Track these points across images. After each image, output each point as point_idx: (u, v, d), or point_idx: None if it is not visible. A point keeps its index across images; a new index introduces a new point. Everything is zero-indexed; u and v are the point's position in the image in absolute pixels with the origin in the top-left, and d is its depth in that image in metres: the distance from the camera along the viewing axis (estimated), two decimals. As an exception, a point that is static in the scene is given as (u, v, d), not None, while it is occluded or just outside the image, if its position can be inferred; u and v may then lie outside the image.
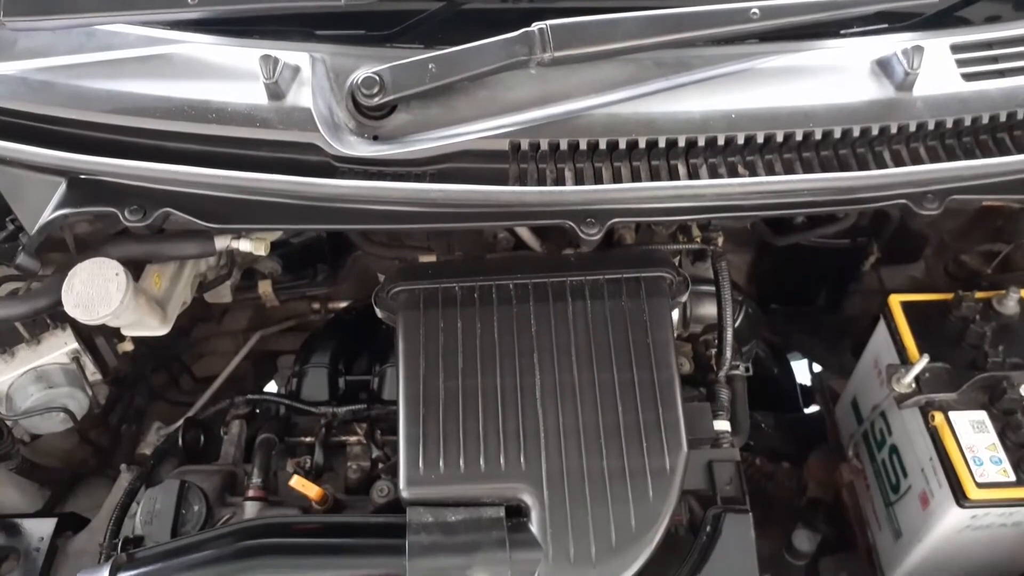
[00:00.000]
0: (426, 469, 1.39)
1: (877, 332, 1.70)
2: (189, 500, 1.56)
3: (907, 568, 1.62)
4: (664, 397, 1.41)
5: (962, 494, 1.41)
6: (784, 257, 2.18)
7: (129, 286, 1.49)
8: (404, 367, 1.47)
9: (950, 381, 1.50)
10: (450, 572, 1.32)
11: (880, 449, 1.69)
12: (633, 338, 1.46)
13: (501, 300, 1.51)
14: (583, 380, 1.44)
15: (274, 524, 1.44)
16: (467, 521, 1.36)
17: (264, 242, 1.68)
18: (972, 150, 1.43)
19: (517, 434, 1.40)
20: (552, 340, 1.47)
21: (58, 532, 1.68)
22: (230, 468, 1.72)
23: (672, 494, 1.36)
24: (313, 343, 1.98)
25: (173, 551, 1.39)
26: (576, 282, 1.51)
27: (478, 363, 1.46)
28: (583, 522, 1.34)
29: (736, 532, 1.36)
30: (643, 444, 1.38)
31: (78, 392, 1.73)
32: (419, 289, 1.53)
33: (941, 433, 1.47)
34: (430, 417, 1.42)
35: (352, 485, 1.68)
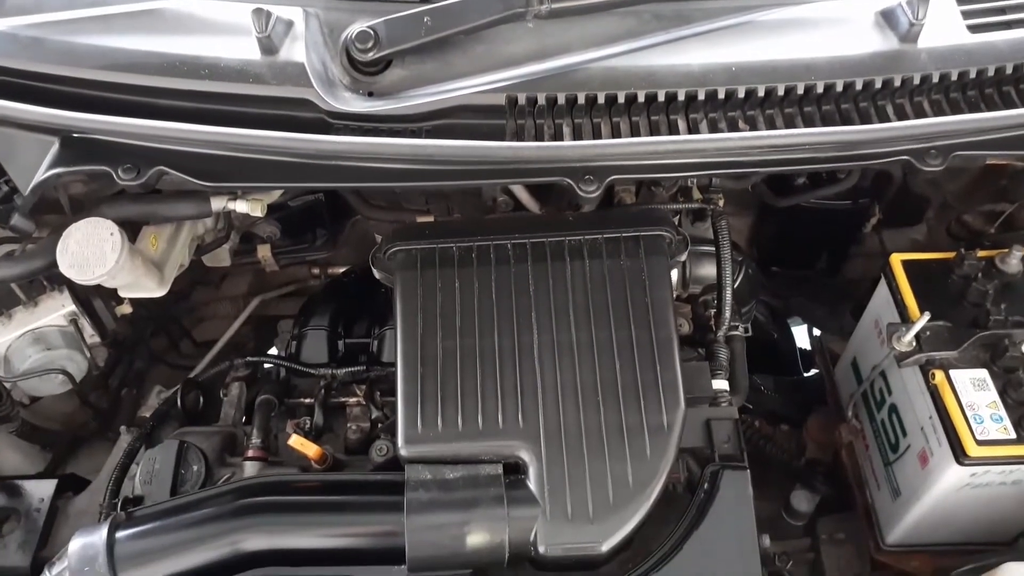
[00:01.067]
0: (424, 427, 1.39)
1: (878, 292, 1.68)
2: (188, 460, 1.56)
3: (905, 527, 1.62)
4: (662, 355, 1.41)
5: (962, 452, 1.40)
6: (785, 220, 2.17)
7: (124, 246, 1.48)
8: (401, 327, 1.46)
9: (951, 339, 1.49)
10: (448, 528, 1.32)
11: (879, 409, 1.69)
12: (631, 297, 1.45)
13: (499, 260, 1.50)
14: (581, 339, 1.43)
15: (272, 482, 1.44)
16: (465, 478, 1.36)
17: (260, 203, 1.67)
18: (977, 104, 1.40)
19: (515, 392, 1.40)
20: (550, 299, 1.46)
21: (58, 493, 1.69)
22: (230, 429, 1.72)
23: (670, 451, 1.36)
24: (312, 306, 1.97)
25: (171, 509, 1.39)
26: (574, 241, 1.50)
27: (476, 322, 1.45)
28: (581, 479, 1.34)
29: (734, 488, 1.36)
30: (641, 402, 1.38)
31: (76, 354, 1.73)
32: (416, 249, 1.52)
33: (941, 391, 1.46)
34: (428, 376, 1.42)
35: (352, 446, 1.68)
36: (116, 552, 1.32)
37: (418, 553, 1.31)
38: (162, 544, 1.34)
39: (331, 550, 1.35)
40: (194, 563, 1.33)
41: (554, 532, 1.32)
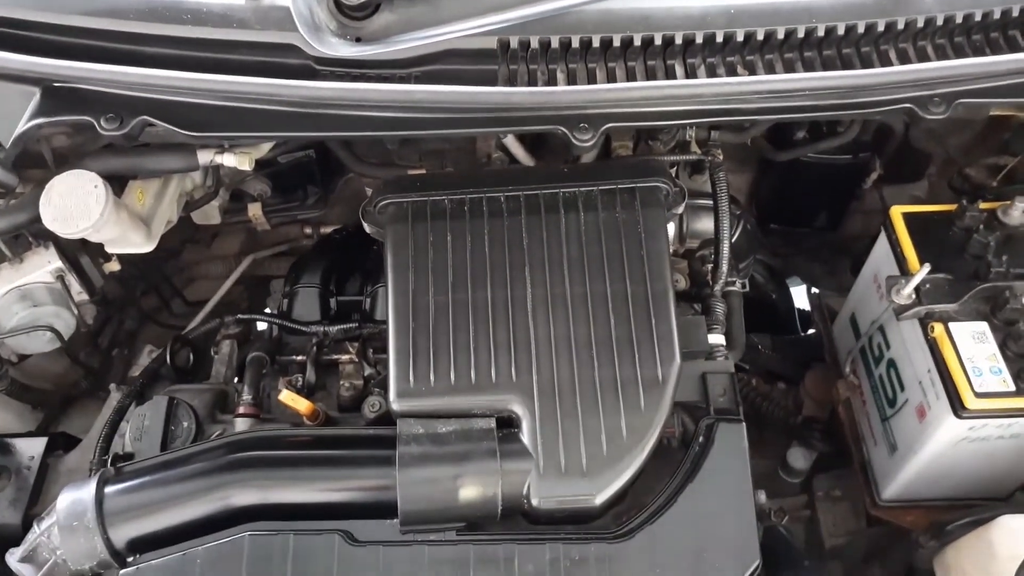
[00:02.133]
0: (416, 382, 1.37)
1: (878, 245, 1.66)
2: (178, 417, 1.55)
3: (902, 482, 1.61)
4: (657, 308, 1.39)
5: (960, 404, 1.39)
6: (784, 176, 2.14)
7: (109, 198, 1.45)
8: (392, 281, 1.44)
9: (951, 291, 1.46)
10: (440, 482, 1.31)
11: (877, 364, 1.67)
12: (627, 249, 1.42)
13: (492, 212, 1.47)
14: (575, 292, 1.41)
15: (263, 436, 1.43)
16: (457, 432, 1.35)
17: (248, 156, 1.63)
18: (982, 48, 1.37)
19: (508, 346, 1.38)
20: (544, 252, 1.44)
21: (49, 451, 1.68)
22: (221, 387, 1.71)
23: (664, 404, 1.34)
24: (303, 263, 1.94)
25: (161, 464, 1.38)
26: (569, 193, 1.47)
27: (468, 276, 1.43)
28: (574, 432, 1.33)
29: (729, 441, 1.35)
30: (635, 355, 1.36)
31: (64, 311, 1.70)
32: (407, 202, 1.49)
33: (940, 344, 1.44)
34: (420, 331, 1.40)
35: (345, 403, 1.66)
36: (105, 507, 1.31)
37: (410, 507, 1.30)
38: (152, 499, 1.33)
39: (323, 504, 1.34)
40: (185, 518, 1.32)
41: (547, 485, 1.31)
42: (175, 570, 1.28)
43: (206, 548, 1.29)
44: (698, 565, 1.27)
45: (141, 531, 1.31)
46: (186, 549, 1.30)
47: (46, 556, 1.32)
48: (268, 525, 1.31)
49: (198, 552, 1.29)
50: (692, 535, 1.28)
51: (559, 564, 1.27)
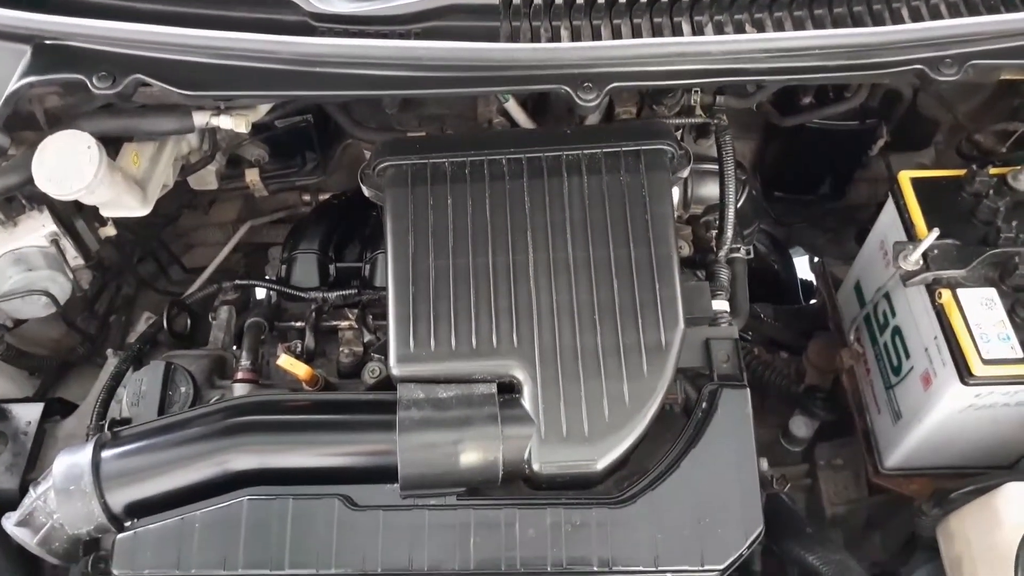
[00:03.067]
0: (416, 347, 1.35)
1: (885, 211, 1.63)
2: (176, 382, 1.53)
3: (905, 451, 1.60)
4: (661, 273, 1.37)
5: (967, 371, 1.37)
6: (789, 143, 2.11)
7: (102, 159, 1.43)
8: (392, 246, 1.42)
9: (959, 257, 1.44)
10: (441, 447, 1.30)
11: (882, 332, 1.65)
12: (631, 213, 1.40)
13: (493, 175, 1.45)
14: (578, 257, 1.39)
15: (262, 401, 1.41)
16: (458, 397, 1.33)
17: (245, 119, 1.60)
18: (996, 7, 1.33)
19: (509, 311, 1.37)
20: (546, 216, 1.41)
21: (46, 416, 1.66)
22: (219, 353, 1.69)
23: (667, 370, 1.33)
24: (302, 229, 1.92)
25: (159, 429, 1.37)
26: (572, 156, 1.44)
27: (469, 241, 1.41)
28: (576, 398, 1.31)
29: (733, 407, 1.33)
30: (638, 320, 1.34)
31: (59, 276, 1.68)
32: (407, 164, 1.47)
33: (947, 311, 1.42)
34: (420, 295, 1.38)
35: (344, 370, 1.65)
36: (102, 471, 1.30)
37: (411, 471, 1.29)
38: (149, 463, 1.32)
39: (322, 469, 1.33)
40: (182, 482, 1.31)
41: (549, 451, 1.30)
42: (173, 534, 1.28)
43: (204, 512, 1.29)
44: (700, 531, 1.26)
45: (138, 495, 1.30)
46: (184, 514, 1.29)
47: (43, 520, 1.31)
48: (267, 490, 1.30)
49: (196, 516, 1.28)
50: (694, 501, 1.27)
51: (560, 529, 1.26)
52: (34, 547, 1.31)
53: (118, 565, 1.27)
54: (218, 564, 1.26)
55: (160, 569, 1.26)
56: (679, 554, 1.25)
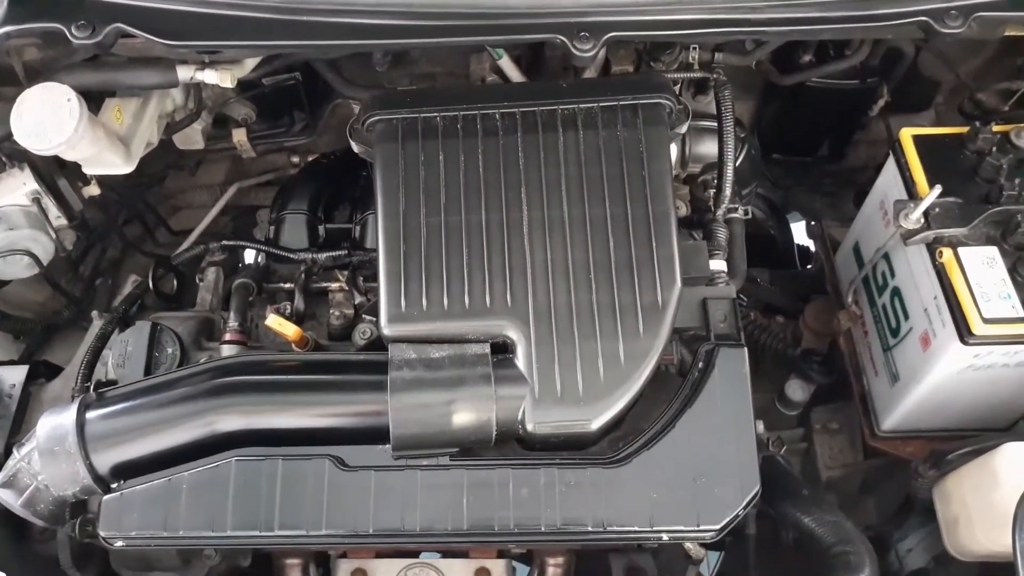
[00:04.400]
0: (408, 306, 1.32)
1: (886, 169, 1.60)
2: (162, 343, 1.50)
3: (902, 413, 1.59)
4: (658, 231, 1.34)
5: (967, 330, 1.35)
6: (788, 103, 2.07)
7: (83, 113, 1.38)
8: (382, 203, 1.38)
9: (961, 216, 1.42)
10: (433, 407, 1.28)
11: (881, 293, 1.63)
12: (628, 170, 1.37)
13: (486, 130, 1.41)
14: (573, 214, 1.36)
15: (250, 361, 1.39)
16: (451, 357, 1.31)
17: (230, 73, 1.55)
18: (1005, -46, 1.30)
19: (503, 270, 1.34)
20: (541, 173, 1.38)
21: (31, 379, 1.63)
22: (207, 314, 1.66)
23: (663, 330, 1.30)
24: (290, 189, 1.88)
25: (145, 389, 1.34)
26: (568, 110, 1.41)
27: (461, 198, 1.38)
28: (571, 358, 1.29)
29: (730, 366, 1.31)
30: (635, 279, 1.32)
31: (42, 236, 1.64)
32: (397, 119, 1.43)
33: (948, 270, 1.40)
34: (411, 254, 1.35)
35: (335, 332, 1.62)
36: (87, 431, 1.28)
37: (402, 431, 1.26)
38: (135, 424, 1.29)
39: (311, 430, 1.31)
40: (169, 444, 1.29)
41: (543, 411, 1.27)
42: (160, 495, 1.26)
43: (191, 474, 1.27)
44: (696, 491, 1.24)
45: (124, 456, 1.28)
46: (171, 475, 1.27)
47: (27, 482, 1.28)
48: (255, 451, 1.28)
49: (183, 478, 1.26)
50: (690, 461, 1.26)
51: (554, 489, 1.25)
52: (19, 509, 1.28)
53: (104, 527, 1.25)
54: (206, 526, 1.24)
55: (147, 531, 1.25)
56: (674, 514, 1.24)
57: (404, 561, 1.55)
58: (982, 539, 1.38)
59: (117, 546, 1.27)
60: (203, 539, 1.26)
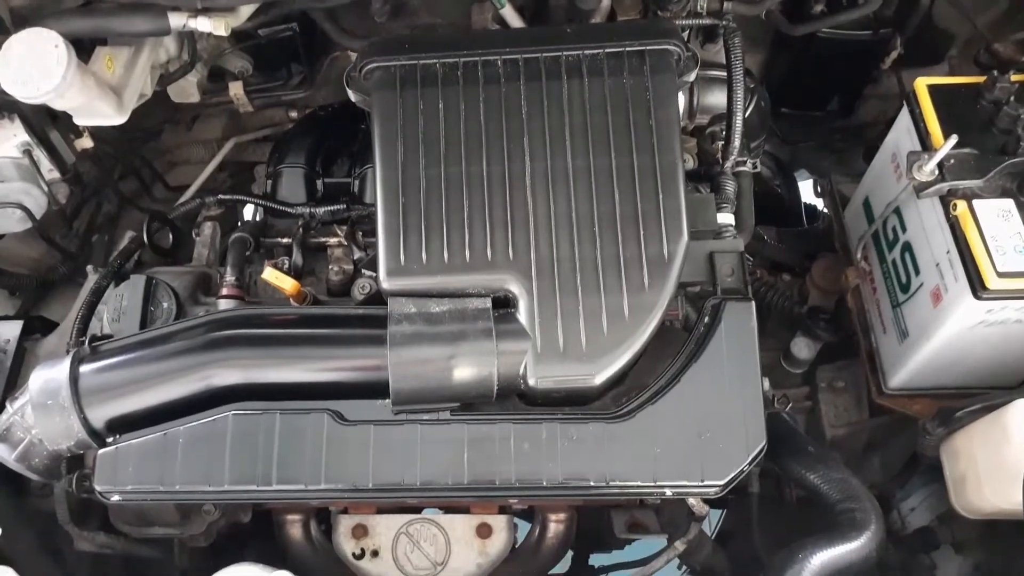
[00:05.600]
0: (407, 260, 1.29)
1: (898, 121, 1.56)
2: (158, 297, 1.48)
3: (911, 370, 1.56)
4: (665, 182, 1.30)
5: (980, 284, 1.32)
6: (799, 56, 2.01)
7: (71, 59, 1.34)
8: (380, 153, 1.34)
9: (976, 167, 1.38)
10: (434, 362, 1.25)
11: (891, 249, 1.60)
12: (634, 119, 1.33)
13: (488, 78, 1.36)
14: (578, 165, 1.32)
15: (248, 315, 1.36)
16: (451, 312, 1.28)
17: (224, 21, 1.52)
18: None
19: (505, 223, 1.30)
20: (544, 122, 1.34)
21: (26, 335, 1.62)
22: (203, 269, 1.63)
23: (669, 283, 1.27)
24: (287, 142, 1.84)
25: (139, 343, 1.31)
26: (572, 57, 1.36)
27: (462, 148, 1.34)
28: (574, 311, 1.26)
29: (737, 320, 1.28)
30: (640, 231, 1.28)
31: (33, 188, 1.61)
32: (395, 66, 1.38)
33: (962, 223, 1.36)
34: (411, 206, 1.31)
35: (334, 288, 1.59)
36: (81, 385, 1.25)
37: (402, 386, 1.24)
38: (129, 378, 1.27)
39: (309, 385, 1.29)
40: (165, 398, 1.27)
41: (545, 366, 1.25)
42: (156, 450, 1.24)
43: (187, 428, 1.25)
44: (701, 446, 1.22)
45: (119, 411, 1.26)
46: (167, 429, 1.25)
47: (21, 436, 1.27)
48: (253, 405, 1.26)
49: (179, 432, 1.25)
50: (695, 416, 1.23)
51: (556, 443, 1.23)
52: (12, 463, 1.27)
53: (100, 481, 1.23)
54: (203, 480, 1.23)
55: (143, 485, 1.23)
56: (678, 469, 1.22)
57: (405, 517, 1.54)
58: (990, 496, 1.36)
59: (113, 500, 1.25)
60: (200, 494, 1.24)
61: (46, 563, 1.53)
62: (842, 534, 1.33)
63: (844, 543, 1.31)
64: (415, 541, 1.54)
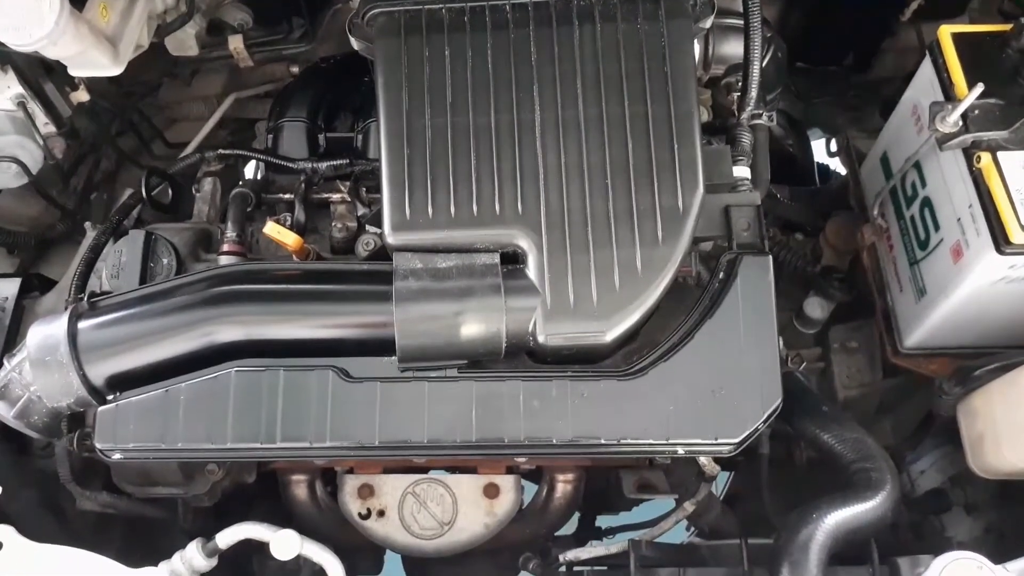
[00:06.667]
0: (413, 214, 1.26)
1: (920, 73, 1.50)
2: (157, 253, 1.44)
3: (928, 328, 1.52)
4: (681, 132, 1.26)
5: (1004, 239, 1.28)
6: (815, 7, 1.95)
7: (63, 5, 1.29)
8: (384, 103, 1.30)
9: (1002, 118, 1.33)
10: (441, 319, 1.22)
11: (910, 204, 1.55)
12: (649, 66, 1.28)
13: (496, 24, 1.32)
14: (589, 114, 1.28)
15: (250, 270, 1.33)
16: (459, 267, 1.25)
17: (222, -34, 1.46)
18: None
19: (513, 175, 1.27)
20: (555, 70, 1.30)
21: (24, 293, 1.59)
22: (203, 225, 1.59)
23: (684, 237, 1.24)
24: (288, 96, 1.79)
25: (139, 299, 1.28)
26: (584, 2, 1.31)
27: (469, 97, 1.30)
28: (584, 267, 1.23)
29: (753, 275, 1.25)
30: (654, 183, 1.25)
31: (29, 142, 1.57)
32: (400, 11, 1.33)
33: (986, 175, 1.32)
34: (416, 157, 1.27)
35: (338, 245, 1.56)
36: (79, 341, 1.23)
37: (409, 343, 1.21)
38: (129, 333, 1.25)
39: (313, 341, 1.26)
40: (165, 354, 1.24)
41: (555, 322, 1.22)
42: (157, 407, 1.21)
43: (189, 385, 1.22)
44: (715, 403, 1.19)
45: (119, 367, 1.23)
46: (168, 386, 1.22)
47: (19, 393, 1.24)
48: (256, 361, 1.23)
49: (181, 389, 1.22)
50: (710, 373, 1.20)
51: (566, 400, 1.20)
52: (11, 420, 1.25)
53: (100, 439, 1.21)
54: (205, 438, 1.20)
55: (145, 443, 1.21)
56: (691, 427, 1.19)
57: (412, 477, 1.52)
58: (1009, 455, 1.33)
59: (115, 459, 1.23)
60: (202, 451, 1.22)
61: (48, 522, 1.52)
62: (857, 494, 1.30)
63: (859, 503, 1.29)
64: (422, 501, 1.52)
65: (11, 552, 1.23)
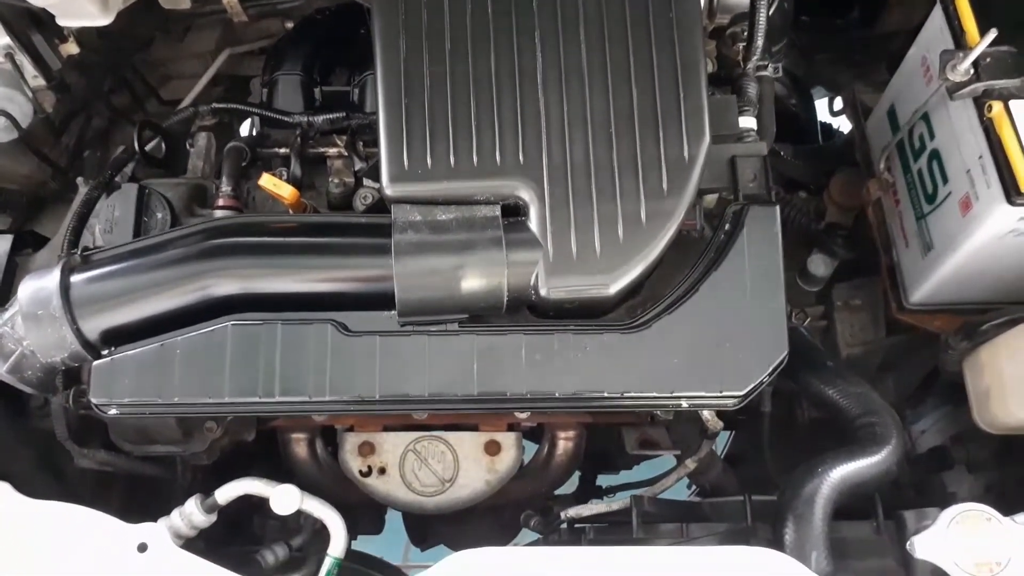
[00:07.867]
0: (411, 164, 1.23)
1: (930, 21, 1.47)
2: (151, 207, 1.42)
3: (934, 283, 1.50)
4: (686, 79, 1.23)
5: (1015, 189, 1.25)
6: (821, -42, 1.91)
7: (49, -52, 1.25)
8: (381, 51, 1.27)
9: (1014, 66, 1.30)
10: (441, 272, 1.20)
11: (917, 158, 1.52)
12: (654, 12, 1.25)
13: (496, -32, 1.28)
14: (593, 62, 1.24)
15: (246, 222, 1.30)
16: (459, 220, 1.22)
17: (213, -89, 1.41)
18: None
19: (514, 125, 1.24)
20: (557, 15, 1.26)
21: (17, 249, 1.56)
22: (198, 180, 1.56)
23: (689, 187, 1.21)
24: (283, 49, 1.75)
25: (133, 252, 1.26)
26: (587, -53, 1.27)
27: (468, 44, 1.26)
28: (588, 219, 1.20)
29: (760, 226, 1.22)
30: (659, 132, 1.22)
31: (17, 95, 1.53)
32: (397, -43, 1.29)
33: (997, 125, 1.29)
34: (414, 107, 1.24)
35: (335, 201, 1.53)
36: (72, 295, 1.20)
37: (408, 296, 1.19)
38: (123, 287, 1.22)
39: (311, 295, 1.24)
40: (161, 308, 1.22)
41: (557, 276, 1.20)
42: (153, 361, 1.19)
43: (185, 339, 1.20)
44: (721, 356, 1.18)
45: (114, 321, 1.21)
46: (164, 340, 1.20)
47: (11, 347, 1.22)
48: (253, 316, 1.21)
49: (177, 343, 1.20)
50: (715, 325, 1.19)
51: (569, 354, 1.18)
52: (3, 374, 1.23)
53: (95, 394, 1.19)
54: (202, 392, 1.19)
55: (141, 397, 1.19)
56: (696, 380, 1.18)
57: (412, 434, 1.51)
58: (1015, 410, 1.33)
59: (111, 414, 1.21)
60: (199, 406, 1.20)
61: (46, 480, 1.51)
62: (862, 448, 1.30)
63: (864, 457, 1.28)
64: (423, 458, 1.51)
65: (6, 509, 1.22)
